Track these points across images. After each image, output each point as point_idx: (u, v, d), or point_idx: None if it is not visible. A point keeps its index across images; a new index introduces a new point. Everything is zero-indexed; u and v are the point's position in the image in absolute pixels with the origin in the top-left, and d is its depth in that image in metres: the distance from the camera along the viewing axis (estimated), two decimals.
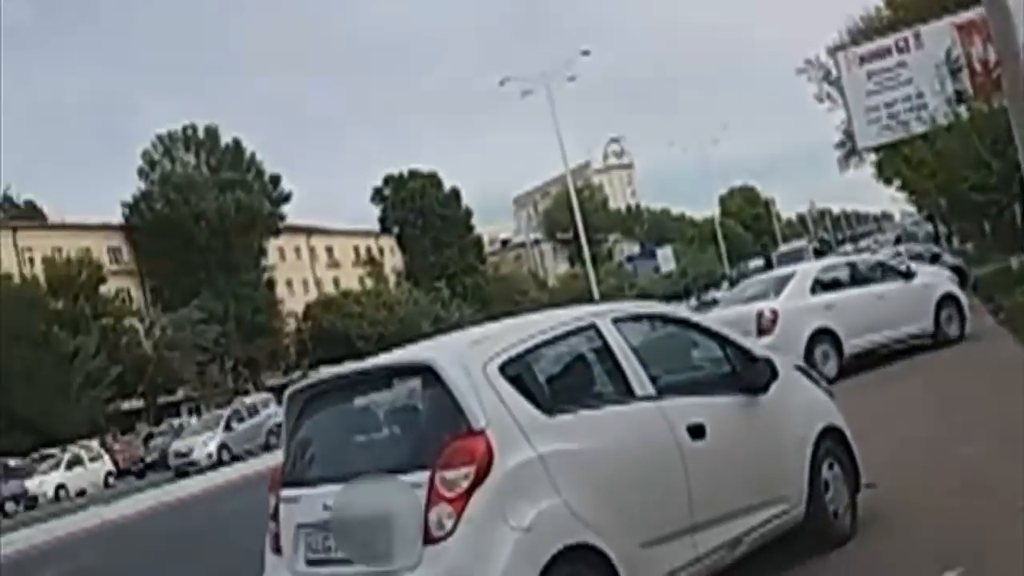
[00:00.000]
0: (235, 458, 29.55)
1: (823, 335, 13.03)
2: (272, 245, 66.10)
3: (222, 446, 31.40)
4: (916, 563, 4.84)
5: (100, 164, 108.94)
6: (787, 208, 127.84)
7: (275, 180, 65.27)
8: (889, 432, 7.99)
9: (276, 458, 19.65)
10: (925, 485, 6.31)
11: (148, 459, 38.63)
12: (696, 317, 5.95)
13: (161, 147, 62.44)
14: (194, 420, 49.29)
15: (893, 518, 5.73)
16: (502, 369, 4.43)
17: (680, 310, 5.90)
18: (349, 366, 5.22)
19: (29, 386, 42.68)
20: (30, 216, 61.45)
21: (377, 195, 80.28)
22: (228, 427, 32.59)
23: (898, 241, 53.38)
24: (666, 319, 5.67)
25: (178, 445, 33.03)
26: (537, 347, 4.74)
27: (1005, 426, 7.51)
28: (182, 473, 28.69)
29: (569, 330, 4.99)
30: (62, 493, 33.65)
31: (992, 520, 5.23)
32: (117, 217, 61.22)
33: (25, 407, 42.17)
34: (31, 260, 53.88)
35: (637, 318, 5.51)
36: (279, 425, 26.50)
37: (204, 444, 31.56)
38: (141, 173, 61.69)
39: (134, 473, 37.91)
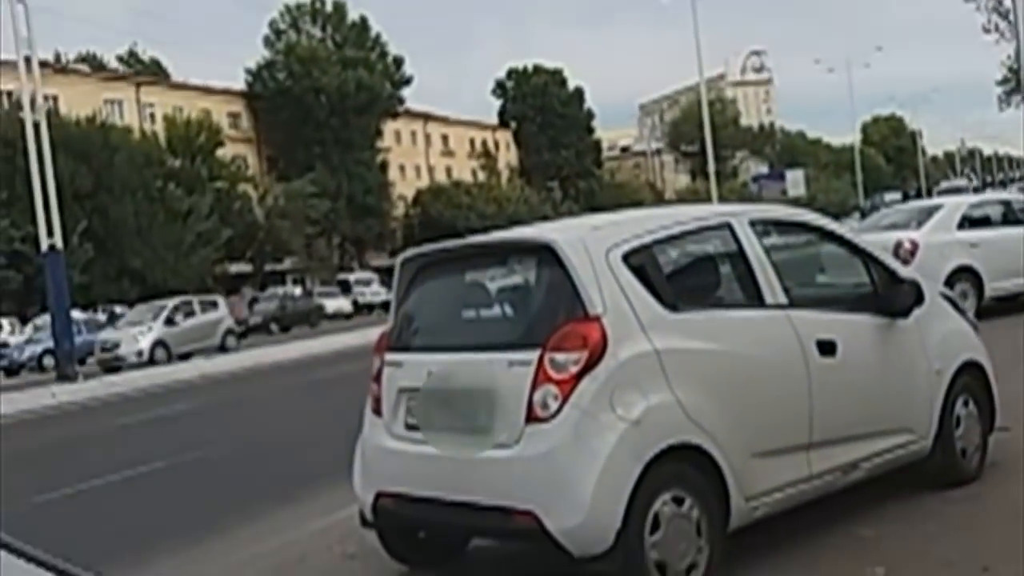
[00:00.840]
0: (184, 357, 26.22)
1: (964, 273, 12.52)
2: (389, 128, 66.80)
3: (158, 343, 27.12)
4: None
5: (227, 30, 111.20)
6: (934, 144, 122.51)
7: (398, 62, 65.55)
8: None
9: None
10: None
11: (252, 322, 40.18)
12: (840, 228, 5.69)
13: (288, 18, 63.31)
14: (298, 290, 50.95)
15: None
16: (626, 258, 4.33)
17: (823, 219, 5.63)
18: (467, 239, 5.18)
19: (141, 239, 44.63)
20: (154, 73, 63.24)
21: (499, 88, 79.99)
22: (170, 322, 27.99)
23: None
24: (808, 227, 5.45)
25: (106, 336, 28.52)
26: (665, 240, 4.62)
27: None
28: (109, 369, 24.99)
29: (701, 227, 4.87)
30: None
31: None
32: (239, 84, 62.66)
33: (136, 258, 44.18)
34: (152, 116, 55.66)
35: (776, 223, 5.34)
36: (233, 330, 27.91)
37: (135, 339, 27.08)
38: (267, 42, 62.84)
39: (237, 334, 39.55)
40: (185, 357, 26.19)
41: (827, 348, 4.70)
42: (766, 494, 4.36)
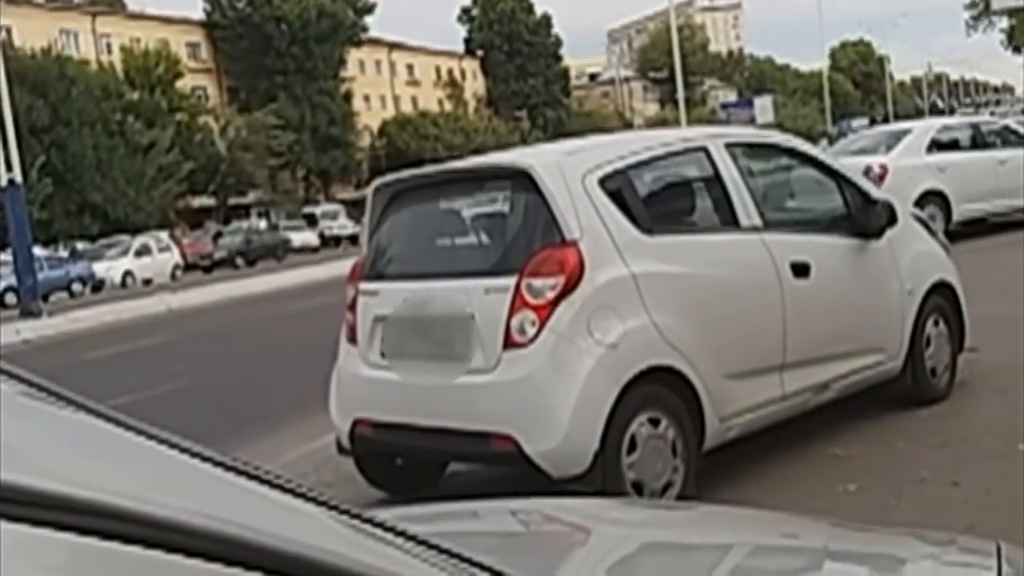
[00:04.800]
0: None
1: (933, 197, 12.65)
2: (352, 57, 65.58)
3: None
4: (1015, 429, 4.72)
5: None
6: (901, 69, 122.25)
7: None
8: (996, 299, 7.76)
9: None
10: None
11: (216, 256, 39.95)
12: (814, 151, 5.71)
13: None
14: (263, 223, 50.71)
15: (994, 385, 5.60)
16: (602, 182, 4.35)
17: (798, 142, 5.66)
18: (440, 166, 5.15)
19: (101, 173, 43.94)
20: (110, 3, 61.60)
21: (464, 15, 78.66)
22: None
23: None
24: (782, 150, 5.47)
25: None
26: (641, 164, 4.63)
27: None
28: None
29: (677, 150, 4.88)
30: (129, 280, 35.06)
31: None
32: (198, 13, 61.21)
33: (96, 193, 43.56)
34: (108, 48, 54.34)
35: (751, 146, 5.36)
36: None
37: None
38: None
39: (202, 268, 39.31)
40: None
41: (801, 270, 4.76)
42: (740, 414, 4.44)
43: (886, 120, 67.34)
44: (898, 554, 1.59)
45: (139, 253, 36.77)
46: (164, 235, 40.93)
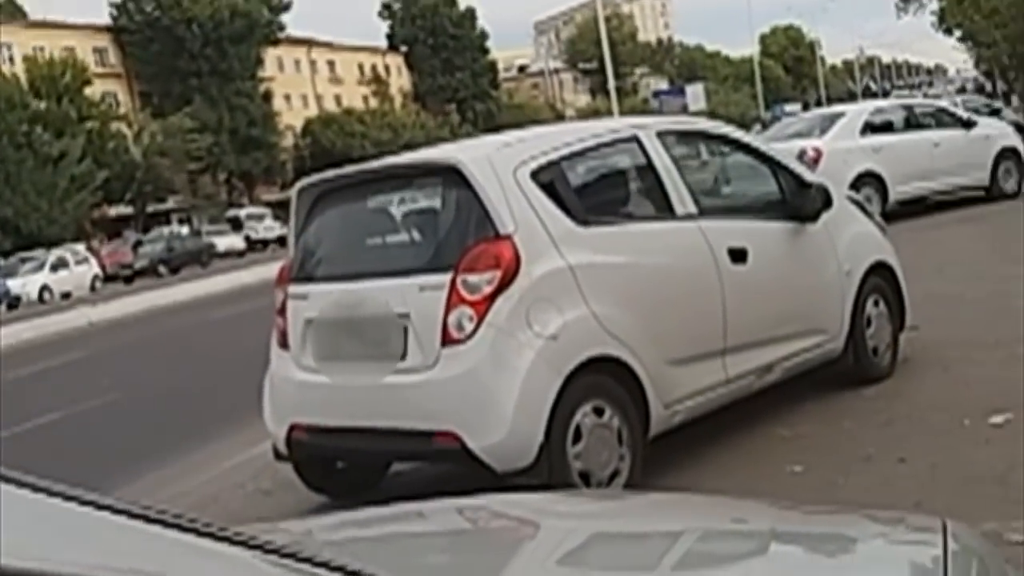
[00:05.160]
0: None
1: (868, 178, 12.93)
2: (270, 55, 64.84)
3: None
4: (959, 405, 4.87)
5: None
6: (833, 53, 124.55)
7: None
8: (935, 277, 7.98)
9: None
10: (971, 332, 6.31)
11: (138, 265, 39.29)
12: (746, 137, 5.80)
13: None
14: (185, 229, 49.92)
15: (936, 362, 5.76)
16: (534, 175, 4.38)
17: (729, 128, 5.75)
18: (366, 165, 5.13)
19: (10, 187, 42.85)
20: (9, 12, 60.04)
21: (386, 10, 78.26)
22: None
23: (962, 91, 52.44)
24: (715, 137, 5.56)
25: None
26: (573, 155, 4.68)
27: None
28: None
29: (609, 140, 4.94)
30: (46, 295, 34.26)
31: None
32: (103, 18, 60.00)
33: (6, 208, 42.47)
34: (11, 59, 52.98)
35: (683, 134, 5.44)
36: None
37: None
38: None
39: (123, 278, 38.57)
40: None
41: (738, 255, 4.84)
42: (684, 400, 4.51)
43: (819, 104, 68.59)
44: (847, 534, 1.63)
45: (55, 267, 35.97)
46: (81, 247, 40.14)
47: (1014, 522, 3.34)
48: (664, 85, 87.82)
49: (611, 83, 53.00)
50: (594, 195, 4.82)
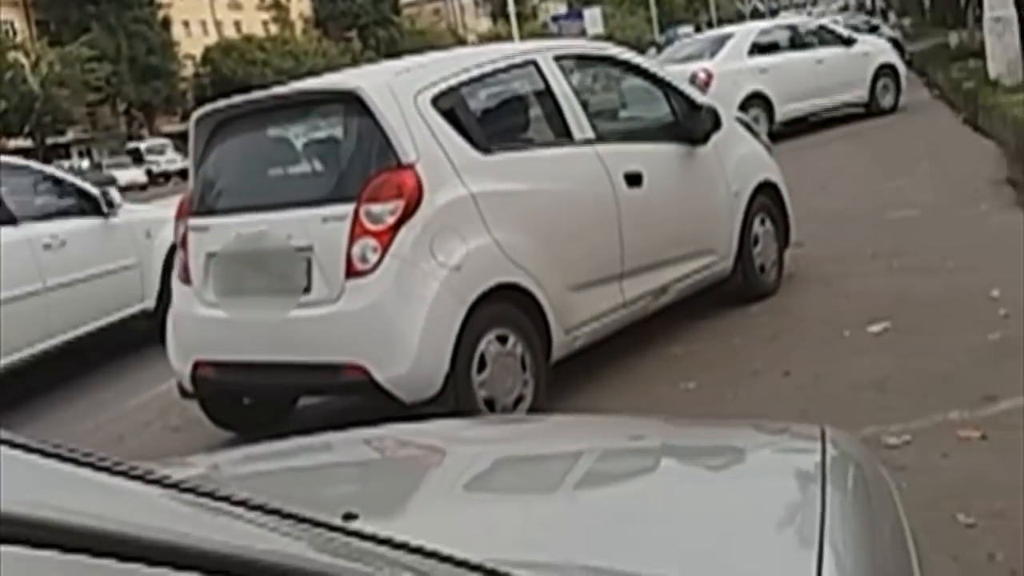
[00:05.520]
0: None
1: (756, 99, 13.08)
2: None
3: None
4: (840, 317, 5.00)
5: None
6: None
7: None
8: (819, 194, 8.15)
9: None
10: (852, 247, 6.48)
11: None
12: (641, 60, 5.77)
13: None
14: (86, 163, 47.93)
15: (819, 277, 5.90)
16: (434, 101, 4.28)
17: (622, 50, 5.70)
18: (265, 92, 4.94)
19: None
20: None
21: None
22: None
23: (844, 9, 53.24)
24: (610, 61, 5.52)
25: None
26: (472, 81, 4.58)
27: (938, 192, 7.73)
28: None
29: (507, 65, 4.85)
30: None
31: (919, 280, 5.41)
32: None
33: None
34: None
35: (580, 58, 5.39)
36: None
37: None
38: None
39: None
40: None
41: (634, 180, 4.84)
42: (584, 324, 4.53)
43: (710, 26, 68.92)
44: (735, 445, 1.68)
45: None
46: None
47: (892, 426, 3.47)
48: (563, 9, 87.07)
49: (511, 7, 52.30)
50: (495, 121, 4.75)
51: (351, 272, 3.99)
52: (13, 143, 49.85)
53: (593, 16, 77.50)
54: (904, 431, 3.42)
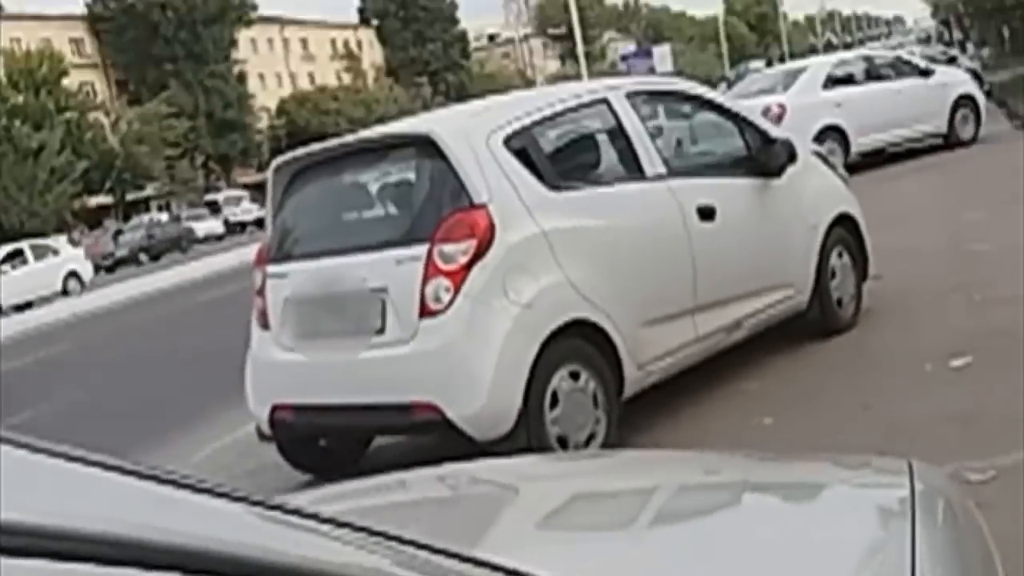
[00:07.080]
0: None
1: (831, 131, 12.96)
2: (243, 36, 64.09)
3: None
4: (920, 350, 4.92)
5: None
6: (795, 8, 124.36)
7: None
8: (898, 226, 8.03)
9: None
10: (933, 279, 6.37)
11: (119, 255, 38.91)
12: (713, 95, 5.80)
13: None
14: (164, 216, 49.21)
15: (898, 310, 5.81)
16: (506, 142, 4.36)
17: (693, 85, 5.74)
18: (340, 140, 5.09)
19: None
20: None
21: None
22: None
23: (924, 41, 52.51)
24: (682, 96, 5.56)
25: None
26: (544, 120, 4.66)
27: (1019, 225, 7.54)
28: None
29: (579, 104, 4.91)
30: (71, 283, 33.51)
31: (1001, 313, 5.28)
32: (79, 8, 59.18)
33: None
34: None
35: (652, 94, 5.44)
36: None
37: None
38: None
39: (104, 268, 38.22)
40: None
41: (707, 213, 4.85)
42: (657, 360, 4.54)
43: (782, 60, 68.49)
44: (816, 480, 1.65)
45: (38, 259, 34.60)
46: (62, 239, 38.88)
47: (974, 462, 3.39)
48: (632, 47, 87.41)
49: (580, 48, 52.60)
50: (565, 159, 4.80)
51: (424, 312, 4.06)
52: (94, 200, 51.57)
53: (662, 54, 77.45)
54: (988, 467, 3.35)
